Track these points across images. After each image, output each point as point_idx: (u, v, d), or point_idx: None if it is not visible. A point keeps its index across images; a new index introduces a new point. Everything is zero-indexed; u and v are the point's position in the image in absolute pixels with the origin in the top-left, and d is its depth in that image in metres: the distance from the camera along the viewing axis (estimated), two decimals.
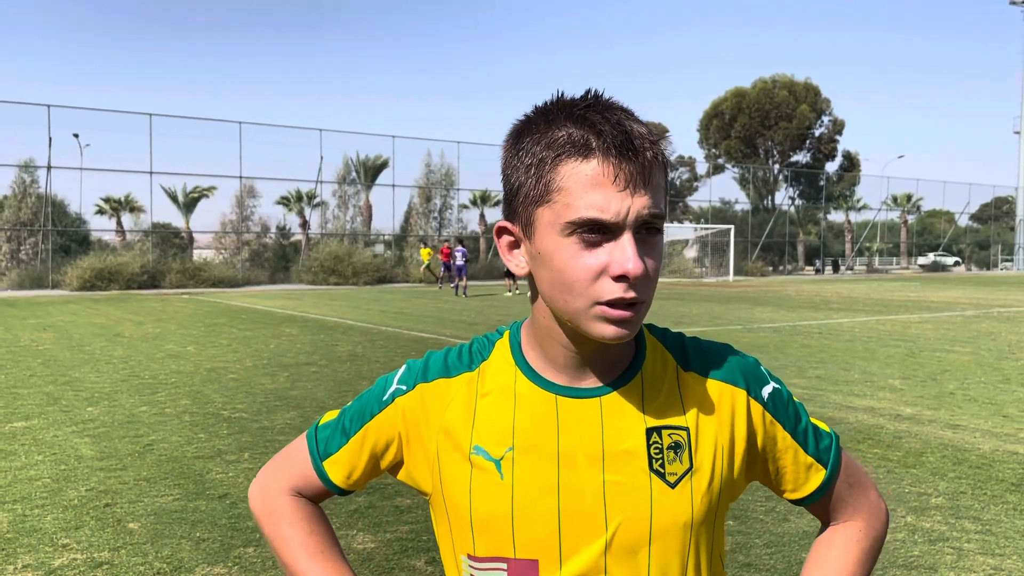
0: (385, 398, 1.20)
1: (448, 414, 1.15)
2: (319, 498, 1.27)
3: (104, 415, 7.72)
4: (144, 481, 5.62)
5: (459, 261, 27.17)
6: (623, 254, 0.99)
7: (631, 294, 1.01)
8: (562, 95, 1.07)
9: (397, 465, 1.22)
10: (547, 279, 1.06)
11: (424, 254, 35.53)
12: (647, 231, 1.03)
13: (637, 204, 1.00)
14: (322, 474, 1.24)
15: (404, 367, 1.23)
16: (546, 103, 1.07)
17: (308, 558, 1.20)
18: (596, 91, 1.06)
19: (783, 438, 1.18)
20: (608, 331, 1.03)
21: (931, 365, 11.00)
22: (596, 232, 1.01)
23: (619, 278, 1.00)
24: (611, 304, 1.01)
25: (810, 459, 1.20)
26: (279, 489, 1.26)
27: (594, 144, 1.00)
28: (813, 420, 1.23)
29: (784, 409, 1.19)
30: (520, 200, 1.07)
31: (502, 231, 1.13)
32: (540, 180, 1.04)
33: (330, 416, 1.27)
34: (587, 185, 1.00)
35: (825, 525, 1.28)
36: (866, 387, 9.26)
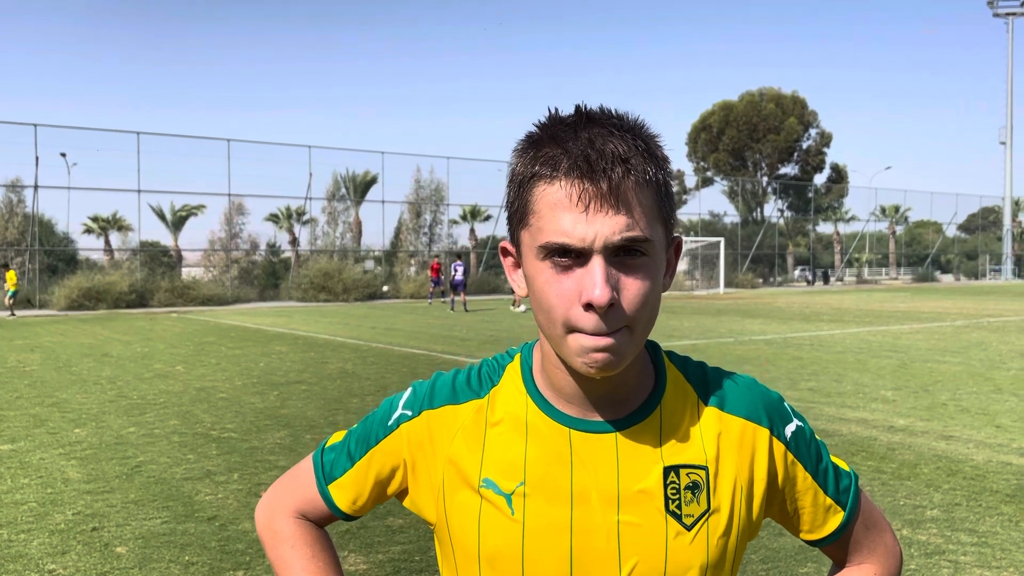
0: (390, 423, 1.16)
1: (456, 444, 1.11)
2: (324, 521, 1.23)
3: (91, 437, 7.63)
4: (132, 504, 5.55)
5: (458, 276, 27.22)
6: (590, 281, 0.94)
7: (602, 323, 0.95)
8: (556, 112, 1.03)
9: (403, 493, 1.18)
10: (533, 303, 1.02)
11: (9, 278, 25.23)
12: (626, 254, 0.97)
13: (605, 228, 0.94)
14: (327, 498, 1.20)
15: (410, 390, 1.18)
16: (538, 121, 1.03)
17: None
18: (585, 106, 1.01)
19: (804, 479, 1.14)
20: (587, 360, 0.98)
21: (923, 376, 11.01)
22: (567, 256, 0.96)
23: (587, 306, 0.95)
24: (585, 331, 0.96)
25: (829, 500, 1.15)
26: (284, 511, 1.23)
27: (561, 164, 0.96)
28: (833, 458, 1.18)
29: (807, 449, 1.14)
30: (511, 220, 1.05)
31: (505, 252, 1.10)
32: (520, 201, 1.01)
33: (336, 438, 1.23)
34: (554, 208, 0.96)
35: (838, 565, 1.23)
36: (858, 399, 9.26)
